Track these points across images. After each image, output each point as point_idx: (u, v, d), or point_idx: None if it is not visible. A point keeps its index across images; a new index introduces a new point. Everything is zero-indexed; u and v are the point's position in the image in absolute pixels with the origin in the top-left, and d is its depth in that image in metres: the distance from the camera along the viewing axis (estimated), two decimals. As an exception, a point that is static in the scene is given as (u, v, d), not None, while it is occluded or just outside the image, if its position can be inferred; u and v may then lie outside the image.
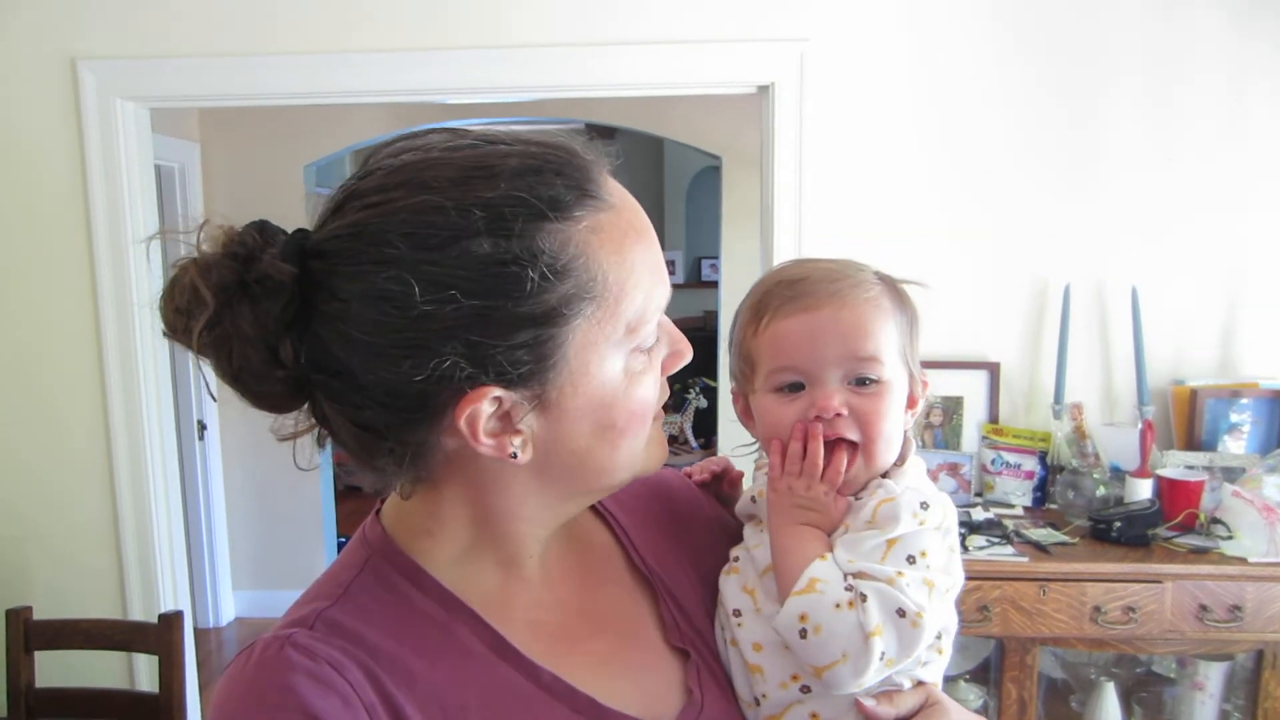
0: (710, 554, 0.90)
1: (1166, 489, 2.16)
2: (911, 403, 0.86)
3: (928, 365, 2.44)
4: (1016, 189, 2.37)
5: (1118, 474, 2.26)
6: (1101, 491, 2.21)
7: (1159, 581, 1.99)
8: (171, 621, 2.09)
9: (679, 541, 0.89)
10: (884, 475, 0.83)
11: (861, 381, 0.81)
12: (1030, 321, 2.41)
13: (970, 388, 2.39)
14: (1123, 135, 2.34)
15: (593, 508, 0.86)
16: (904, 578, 0.74)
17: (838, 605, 0.74)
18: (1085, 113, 2.34)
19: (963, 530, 2.10)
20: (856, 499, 0.82)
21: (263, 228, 0.64)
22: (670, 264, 6.79)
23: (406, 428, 0.64)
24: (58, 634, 2.20)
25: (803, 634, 0.74)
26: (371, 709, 0.63)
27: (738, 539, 0.90)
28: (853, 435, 0.81)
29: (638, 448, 0.71)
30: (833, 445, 0.81)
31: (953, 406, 2.39)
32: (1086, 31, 2.32)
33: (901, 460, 0.85)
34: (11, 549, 2.59)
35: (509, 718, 0.69)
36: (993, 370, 2.39)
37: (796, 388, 0.82)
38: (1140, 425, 2.23)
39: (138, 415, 2.51)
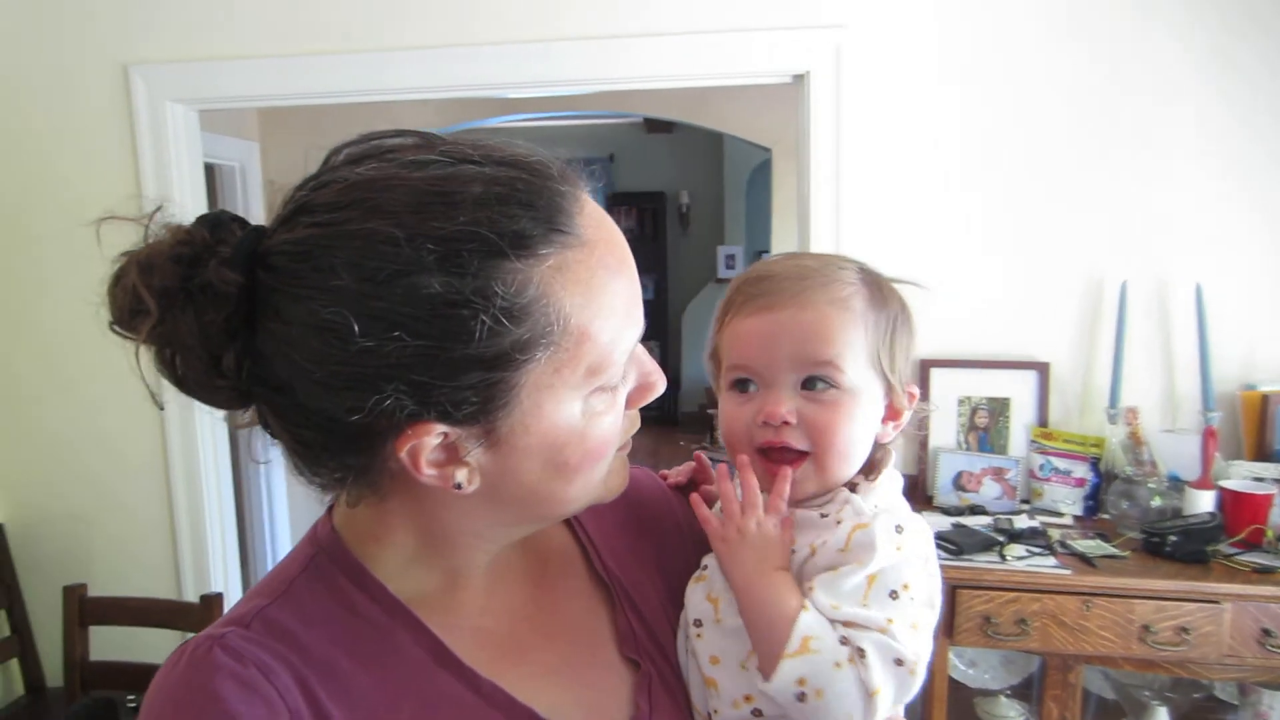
0: (679, 560, 0.86)
1: (1230, 501, 2.01)
2: (892, 414, 0.80)
3: (971, 365, 2.33)
4: (1068, 180, 2.24)
5: (1176, 484, 2.12)
6: (1158, 502, 2.07)
7: (1216, 602, 1.85)
8: (211, 602, 2.20)
9: (646, 546, 0.85)
10: (853, 488, 0.78)
11: (816, 387, 0.76)
12: (1083, 320, 2.28)
13: (1018, 389, 2.27)
14: (1184, 121, 2.20)
15: None
16: (895, 624, 0.70)
17: (837, 664, 0.69)
18: (1142, 98, 2.20)
19: (1001, 539, 2.00)
20: (823, 515, 0.77)
21: (215, 224, 0.61)
22: (730, 259, 6.75)
23: (346, 453, 0.62)
24: (109, 610, 2.32)
25: (801, 697, 0.70)
26: (297, 715, 0.61)
27: (709, 546, 0.86)
28: (801, 445, 0.76)
29: (594, 481, 0.68)
30: (777, 458, 0.77)
31: (999, 408, 2.28)
32: (1144, 13, 2.18)
33: (874, 474, 0.79)
34: (73, 530, 2.70)
35: None
36: (1042, 371, 2.27)
37: (750, 386, 0.79)
38: (1203, 432, 2.09)
39: (190, 406, 2.56)
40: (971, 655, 2.35)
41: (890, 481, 0.80)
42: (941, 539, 2.01)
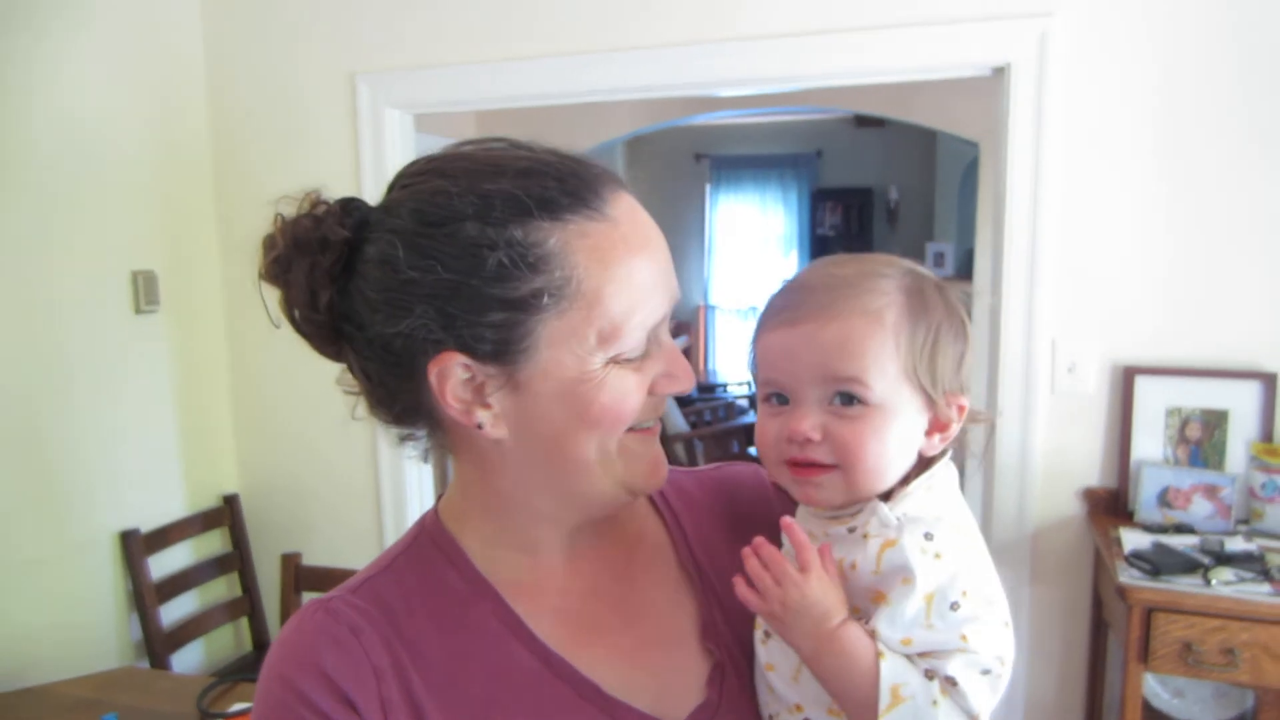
0: None
1: None
2: (938, 427, 0.76)
3: (1183, 373, 2.17)
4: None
5: None
6: (1404, 531, 1.85)
7: None
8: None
9: (741, 541, 0.86)
10: (887, 495, 0.75)
11: (846, 402, 0.73)
12: (1322, 327, 2.06)
13: (1238, 400, 2.08)
14: None
15: (651, 502, 0.87)
16: (969, 637, 0.68)
17: (934, 702, 0.67)
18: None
19: (1207, 561, 1.84)
20: (850, 530, 0.75)
21: (348, 201, 0.75)
22: (939, 256, 6.51)
23: (392, 378, 0.73)
24: (320, 579, 2.52)
25: None
26: (379, 672, 0.71)
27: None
28: (827, 460, 0.74)
29: (608, 452, 0.72)
30: (805, 471, 0.75)
31: (1214, 421, 2.10)
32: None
33: (913, 477, 0.76)
34: (295, 502, 2.99)
35: (512, 693, 0.73)
36: (1268, 382, 2.06)
37: (783, 400, 0.77)
38: None
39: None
40: (1178, 684, 2.19)
41: (926, 488, 0.75)
42: (1138, 557, 1.88)
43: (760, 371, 0.78)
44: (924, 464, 0.77)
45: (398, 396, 0.74)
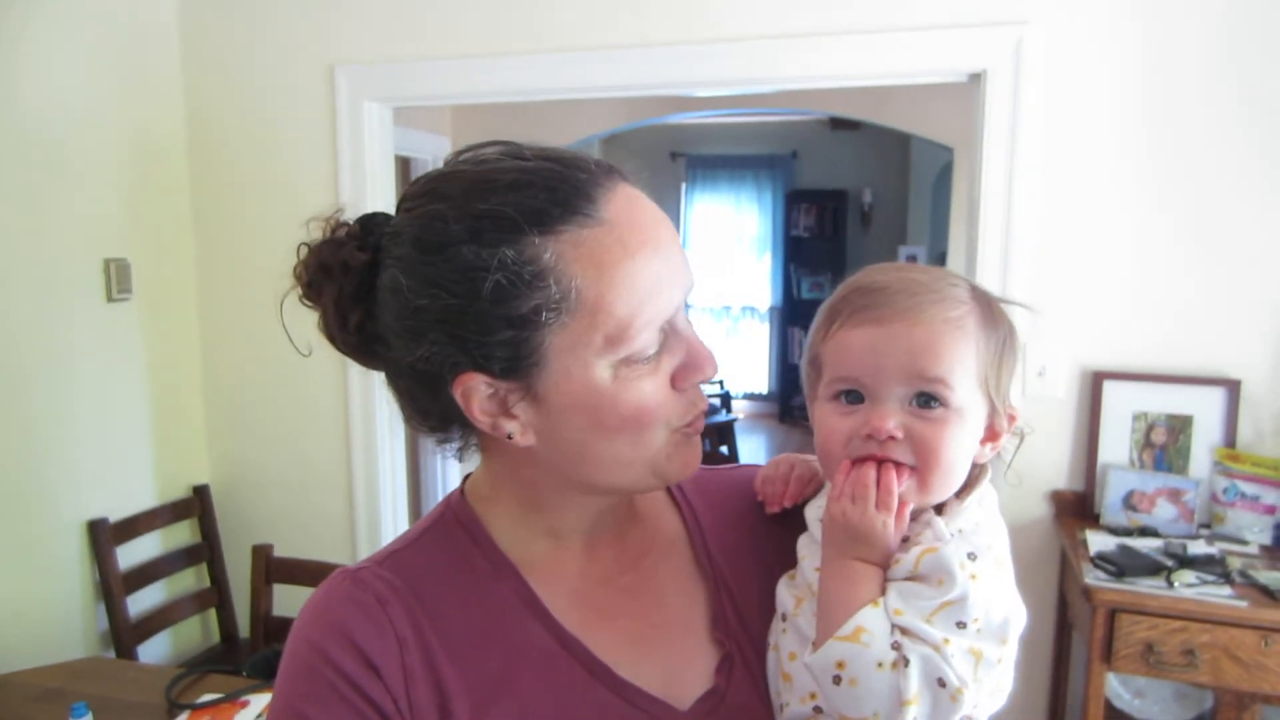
0: (790, 557, 0.87)
1: None
2: (991, 435, 0.79)
3: (1150, 379, 2.21)
4: (1266, 188, 2.07)
5: (1383, 518, 1.93)
6: (1360, 537, 1.90)
7: None
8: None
9: (757, 541, 0.88)
10: (939, 508, 0.77)
11: (926, 404, 0.75)
12: (1282, 336, 2.11)
13: (1202, 406, 2.12)
14: None
15: (669, 495, 0.89)
16: (950, 645, 0.70)
17: (879, 664, 0.70)
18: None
19: (1170, 563, 1.88)
20: (904, 539, 0.76)
21: (368, 220, 0.76)
22: (912, 259, 6.59)
23: (422, 395, 0.75)
24: (291, 571, 2.51)
25: (836, 680, 0.72)
26: (403, 642, 0.73)
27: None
28: (906, 460, 0.75)
29: (644, 450, 0.73)
30: (886, 465, 0.75)
31: (1179, 426, 2.14)
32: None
33: (965, 494, 0.78)
34: (267, 494, 2.97)
35: (528, 668, 0.75)
36: (1231, 388, 2.11)
37: (855, 399, 0.77)
38: None
39: (371, 390, 2.78)
40: (1139, 685, 2.22)
41: (978, 504, 0.78)
42: (1102, 559, 1.92)
43: (835, 369, 0.78)
44: (971, 478, 0.79)
45: (431, 410, 0.76)
